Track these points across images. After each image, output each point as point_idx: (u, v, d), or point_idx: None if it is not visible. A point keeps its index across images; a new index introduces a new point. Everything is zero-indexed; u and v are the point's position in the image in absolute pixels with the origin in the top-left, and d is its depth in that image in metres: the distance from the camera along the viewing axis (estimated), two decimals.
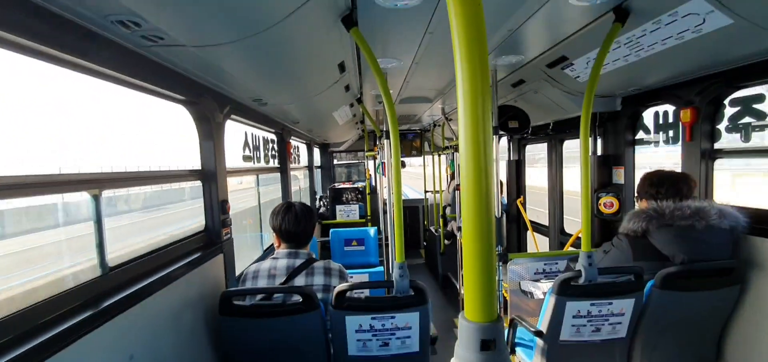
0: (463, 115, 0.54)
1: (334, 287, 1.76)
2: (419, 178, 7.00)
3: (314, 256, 1.99)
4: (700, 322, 1.97)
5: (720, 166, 2.27)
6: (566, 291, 1.83)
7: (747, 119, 2.04)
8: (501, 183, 5.11)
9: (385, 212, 6.95)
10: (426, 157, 6.76)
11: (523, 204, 4.58)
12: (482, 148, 0.54)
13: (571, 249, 3.44)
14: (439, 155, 5.94)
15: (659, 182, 2.00)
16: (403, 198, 7.22)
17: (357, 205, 5.60)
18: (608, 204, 2.90)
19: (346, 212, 5.57)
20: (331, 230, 4.38)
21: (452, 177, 6.41)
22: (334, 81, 2.49)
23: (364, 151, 5.89)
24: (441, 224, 5.59)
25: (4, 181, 1.01)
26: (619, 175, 2.92)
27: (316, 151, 6.30)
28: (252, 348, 1.83)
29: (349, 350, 1.84)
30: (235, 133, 2.80)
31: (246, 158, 2.88)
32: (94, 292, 1.27)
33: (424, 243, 6.97)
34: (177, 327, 1.65)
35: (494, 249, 0.57)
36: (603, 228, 3.08)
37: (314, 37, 1.70)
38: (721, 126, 2.18)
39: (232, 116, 2.34)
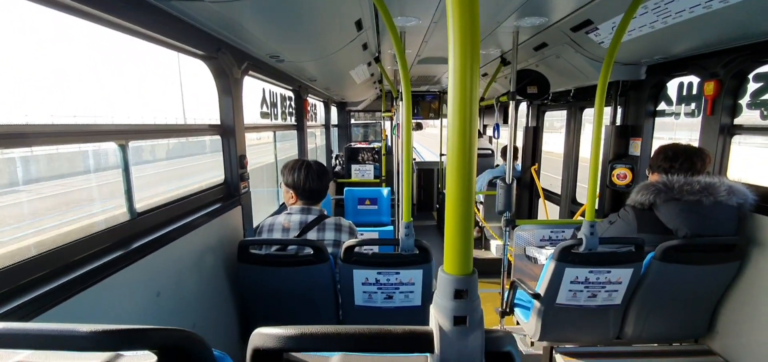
0: (452, 84, 0.58)
1: (344, 242, 1.87)
2: (438, 139, 6.96)
3: (326, 213, 2.10)
4: (695, 295, 2.01)
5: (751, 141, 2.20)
6: (566, 257, 1.88)
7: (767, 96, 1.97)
8: (515, 149, 5.07)
9: (399, 173, 7.04)
10: (443, 119, 6.70)
11: (538, 171, 4.56)
12: (467, 117, 0.58)
13: (579, 218, 3.46)
14: None
15: (674, 156, 1.99)
16: (418, 160, 7.32)
17: (372, 166, 5.68)
18: (621, 175, 2.88)
19: (361, 171, 5.66)
20: (346, 189, 4.50)
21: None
22: (350, 39, 2.49)
23: (381, 111, 5.88)
24: None
25: (40, 129, 1.11)
26: (635, 147, 2.87)
27: (334, 110, 6.33)
28: (266, 293, 1.98)
29: (356, 301, 1.98)
30: (254, 90, 2.87)
31: (263, 114, 2.96)
32: (124, 234, 1.41)
33: (437, 206, 7.05)
34: (199, 270, 1.80)
35: (472, 212, 0.63)
36: (614, 199, 3.07)
37: None
38: (743, 101, 2.11)
39: (250, 72, 2.39)
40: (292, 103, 3.73)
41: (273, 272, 1.91)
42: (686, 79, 2.49)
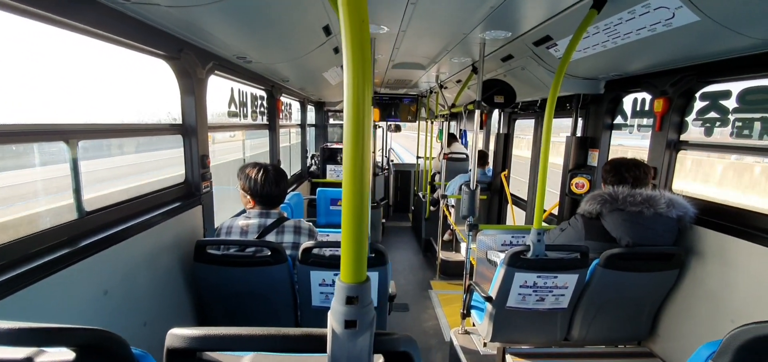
0: (346, 100, 0.62)
1: (303, 244, 1.89)
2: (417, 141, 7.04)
3: (285, 215, 2.12)
4: (637, 300, 2.13)
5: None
6: (516, 262, 1.97)
7: (712, 114, 2.10)
8: (485, 154, 5.18)
9: (375, 175, 7.08)
10: (421, 122, 6.79)
11: (508, 177, 4.68)
12: (361, 129, 0.62)
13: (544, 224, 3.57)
14: (432, 122, 5.97)
15: (616, 168, 2.10)
16: (396, 162, 7.34)
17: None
18: (580, 184, 3.00)
19: (337, 172, 5.67)
20: (318, 189, 4.51)
21: (448, 144, 6.48)
22: (320, 43, 2.52)
23: None
24: (428, 190, 5.71)
25: None
26: (593, 158, 3.00)
27: (312, 110, 6.33)
28: (224, 294, 1.99)
29: (313, 301, 2.01)
30: (221, 89, 2.86)
31: (232, 114, 2.95)
32: (71, 233, 1.40)
33: (413, 208, 7.13)
34: (153, 270, 1.80)
35: (366, 223, 0.68)
36: (573, 206, 3.19)
37: (297, 2, 1.74)
38: (690, 119, 2.24)
39: (217, 72, 2.39)
40: (265, 103, 3.72)
41: (230, 272, 1.92)
42: (640, 96, 2.62)
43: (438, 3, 1.92)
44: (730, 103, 1.99)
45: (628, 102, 2.76)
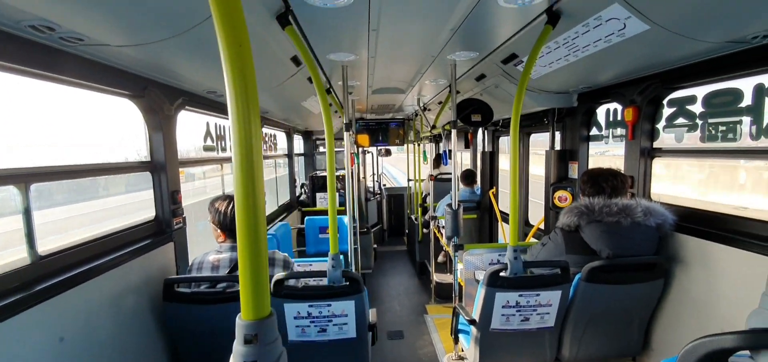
0: (233, 130, 0.60)
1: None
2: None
3: None
4: (625, 313, 2.07)
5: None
6: (495, 282, 1.92)
7: (681, 120, 2.10)
8: (473, 173, 5.18)
9: (368, 200, 7.04)
10: (409, 145, 6.82)
11: (496, 195, 4.65)
12: (249, 154, 0.60)
13: (532, 240, 3.53)
14: (418, 144, 6.00)
15: (591, 179, 2.09)
16: (388, 185, 7.31)
17: (337, 193, 5.67)
18: (563, 197, 2.98)
19: (326, 200, 5.63)
20: (306, 218, 4.47)
21: (435, 166, 6.47)
22: (291, 74, 2.53)
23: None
24: (419, 213, 5.67)
25: None
26: (574, 170, 2.99)
27: (299, 139, 6.35)
28: (195, 333, 1.92)
29: (290, 336, 1.94)
30: (197, 123, 2.86)
31: (207, 148, 2.94)
32: (23, 279, 1.36)
33: (407, 231, 7.07)
34: (117, 312, 1.74)
35: (264, 256, 0.65)
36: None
37: (254, 33, 1.75)
38: (660, 126, 2.24)
39: (188, 107, 2.39)
40: None
41: (201, 310, 1.86)
42: (612, 106, 2.64)
43: (400, 29, 1.94)
44: (697, 108, 1.99)
45: (601, 113, 2.77)
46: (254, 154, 0.61)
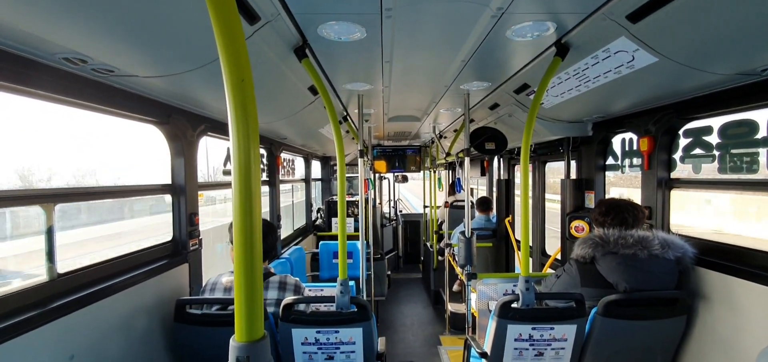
0: (233, 155, 0.64)
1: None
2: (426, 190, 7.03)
3: (273, 271, 2.10)
4: (647, 351, 1.98)
5: None
6: (507, 313, 1.88)
7: (698, 150, 2.06)
8: (488, 201, 5.12)
9: (383, 226, 7.04)
10: (426, 172, 6.84)
11: (512, 223, 4.58)
12: (248, 180, 0.64)
13: (549, 271, 3.44)
14: (434, 171, 6.01)
15: (606, 210, 2.04)
16: (403, 212, 7.32)
17: (353, 219, 5.70)
18: (579, 227, 2.92)
19: None
20: (321, 243, 4.50)
21: (450, 193, 6.45)
22: (309, 102, 2.63)
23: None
24: (434, 240, 5.63)
25: None
26: (590, 200, 2.93)
27: (316, 164, 6.47)
28: (204, 356, 1.94)
29: (296, 361, 1.94)
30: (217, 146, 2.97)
31: (226, 172, 3.04)
32: (39, 296, 1.42)
33: (422, 259, 7.00)
34: (128, 332, 1.78)
35: (259, 277, 0.67)
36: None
37: (273, 65, 1.84)
38: (677, 156, 2.20)
39: (209, 133, 2.50)
40: (265, 159, 3.83)
41: (211, 332, 1.89)
42: (628, 136, 2.60)
43: (412, 60, 2.00)
44: (713, 139, 1.95)
45: (617, 142, 2.74)
46: (252, 180, 0.65)
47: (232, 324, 1.87)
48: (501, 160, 4.90)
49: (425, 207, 7.04)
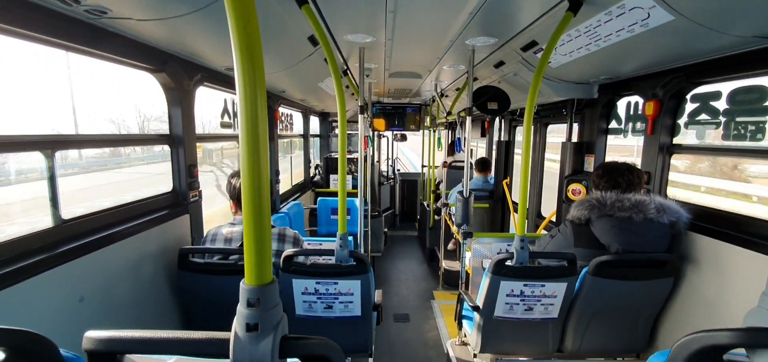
0: (240, 104, 0.63)
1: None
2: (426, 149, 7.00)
3: (272, 223, 2.13)
4: (631, 310, 2.05)
5: None
6: (501, 270, 1.93)
7: (703, 116, 2.03)
8: (487, 162, 5.13)
9: (381, 184, 7.07)
10: (425, 131, 6.79)
11: (509, 185, 4.61)
12: (256, 135, 0.63)
13: (543, 232, 3.50)
14: (434, 130, 5.96)
15: (604, 173, 2.05)
16: (401, 171, 7.31)
17: (350, 176, 5.72)
18: (576, 191, 2.94)
19: None
20: (319, 198, 4.54)
21: (449, 153, 6.43)
22: (308, 53, 2.55)
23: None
24: (431, 199, 5.68)
25: None
26: (589, 163, 2.93)
27: (315, 120, 6.40)
28: (207, 302, 2.01)
29: (297, 310, 2.01)
30: (215, 99, 2.92)
31: (224, 125, 3.00)
32: (46, 240, 1.44)
33: (419, 217, 7.10)
34: (136, 277, 1.83)
35: (267, 226, 0.68)
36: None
37: (272, 10, 1.77)
38: (682, 121, 2.18)
39: (206, 83, 2.44)
40: None
41: (213, 280, 1.94)
42: (633, 99, 2.56)
43: (418, 11, 1.92)
44: (721, 104, 1.92)
45: (622, 106, 2.70)
46: (260, 128, 0.64)
47: (232, 273, 1.93)
48: (502, 121, 4.85)
49: (423, 166, 7.05)
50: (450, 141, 7.05)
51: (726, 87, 1.89)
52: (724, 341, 0.75)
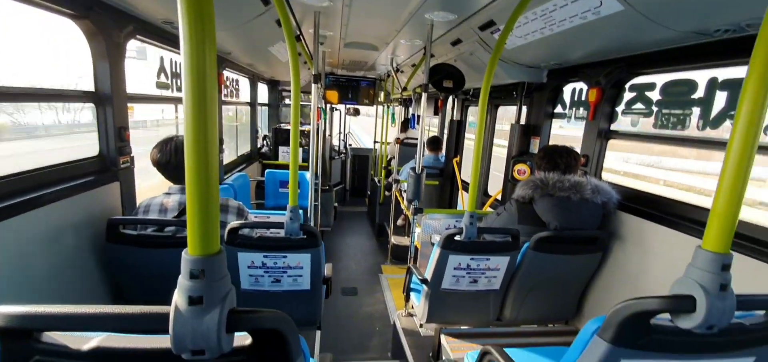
0: (185, 69, 0.55)
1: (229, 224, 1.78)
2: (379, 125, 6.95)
3: None
4: (565, 282, 2.22)
5: None
6: (450, 245, 1.97)
7: (639, 105, 2.19)
8: (438, 140, 5.22)
9: (332, 159, 6.95)
10: (379, 107, 6.73)
11: (459, 164, 4.74)
12: (203, 102, 0.56)
13: (489, 209, 3.66)
14: (388, 106, 5.93)
15: (546, 155, 2.17)
16: (353, 146, 7.24)
17: (301, 149, 5.54)
18: (521, 170, 3.08)
19: (289, 153, 5.50)
20: (267, 171, 4.35)
21: (402, 130, 6.45)
22: (259, 13, 2.36)
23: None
24: (383, 175, 5.69)
25: None
26: (535, 145, 3.08)
27: (263, 88, 6.07)
28: (141, 276, 1.85)
29: (242, 285, 1.92)
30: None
31: (161, 85, 2.72)
32: None
33: (369, 193, 7.12)
34: (56, 249, 1.62)
35: (213, 195, 0.62)
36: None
37: None
38: (619, 109, 2.33)
39: (139, 37, 2.18)
40: None
41: (148, 254, 1.78)
42: (578, 86, 2.70)
43: None
44: (654, 95, 2.08)
45: (568, 91, 2.84)
46: (208, 84, 0.56)
47: (169, 246, 1.78)
48: (455, 100, 4.93)
49: (375, 142, 7.02)
50: (403, 117, 7.07)
51: (660, 79, 2.04)
52: (652, 307, 0.82)
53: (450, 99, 5.22)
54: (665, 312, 0.84)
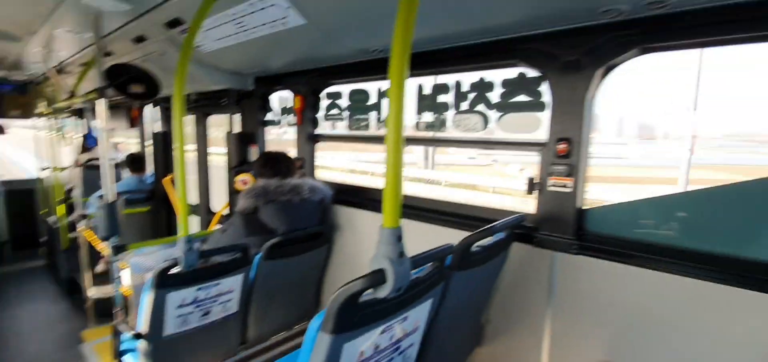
0: None
1: None
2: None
3: None
4: (302, 281, 2.33)
5: None
6: (165, 282, 1.64)
7: (334, 111, 2.54)
8: (140, 158, 4.39)
9: None
10: (43, 121, 4.88)
11: (174, 182, 4.10)
12: None
13: (216, 227, 3.36)
14: (56, 118, 4.42)
15: (264, 162, 2.19)
16: (5, 179, 4.95)
17: None
18: (244, 180, 2.97)
19: None
20: None
21: (83, 149, 4.95)
22: None
23: None
24: (63, 212, 4.21)
25: None
26: (254, 153, 3.05)
27: None
28: None
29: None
30: None
31: None
32: None
33: (46, 239, 5.15)
34: None
35: None
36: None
37: None
38: (321, 115, 2.63)
39: None
40: None
41: None
42: (286, 93, 2.85)
43: None
44: (344, 102, 2.46)
45: (276, 99, 2.96)
46: None
47: None
48: (160, 109, 4.21)
49: (44, 169, 5.12)
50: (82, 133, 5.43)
51: (346, 89, 2.43)
52: (357, 288, 0.94)
53: (148, 108, 4.43)
54: (368, 289, 0.96)
